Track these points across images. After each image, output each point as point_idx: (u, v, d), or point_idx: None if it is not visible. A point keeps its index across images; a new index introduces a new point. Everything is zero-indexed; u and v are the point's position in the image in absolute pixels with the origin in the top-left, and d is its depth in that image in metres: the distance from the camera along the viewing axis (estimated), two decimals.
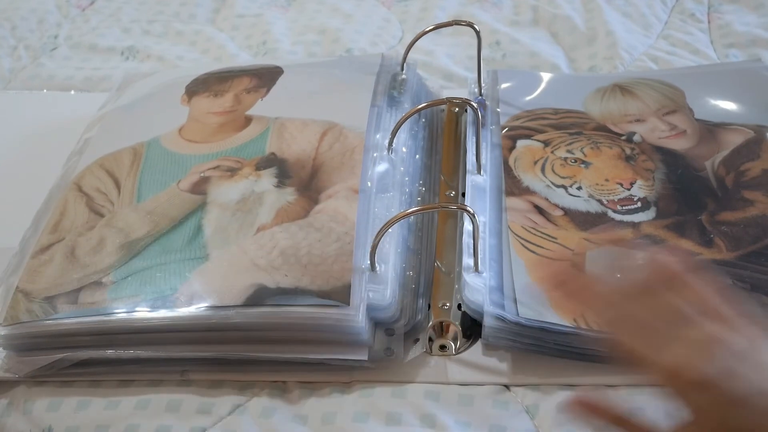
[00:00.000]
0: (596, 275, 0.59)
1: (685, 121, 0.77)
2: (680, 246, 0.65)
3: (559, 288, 0.51)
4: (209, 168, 0.72)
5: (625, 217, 0.68)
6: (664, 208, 0.68)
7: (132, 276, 0.64)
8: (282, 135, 0.75)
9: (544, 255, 0.65)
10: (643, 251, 0.64)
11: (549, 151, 0.74)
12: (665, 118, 0.77)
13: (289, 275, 0.61)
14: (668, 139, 0.75)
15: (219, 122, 0.78)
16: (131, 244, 0.66)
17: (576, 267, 0.64)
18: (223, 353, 0.61)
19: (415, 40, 0.80)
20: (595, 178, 0.71)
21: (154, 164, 0.74)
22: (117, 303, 0.62)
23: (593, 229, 0.67)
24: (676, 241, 0.65)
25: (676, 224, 0.67)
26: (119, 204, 0.70)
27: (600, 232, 0.67)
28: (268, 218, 0.67)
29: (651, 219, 0.67)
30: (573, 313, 0.60)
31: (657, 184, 0.70)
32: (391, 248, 0.64)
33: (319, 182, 0.70)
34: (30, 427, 0.60)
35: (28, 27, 1.06)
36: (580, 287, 0.49)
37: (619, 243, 0.65)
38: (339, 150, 0.72)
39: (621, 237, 0.66)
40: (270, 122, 0.77)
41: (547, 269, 0.64)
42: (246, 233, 0.66)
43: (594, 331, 0.59)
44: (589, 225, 0.67)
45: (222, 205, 0.69)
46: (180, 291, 0.62)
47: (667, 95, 0.80)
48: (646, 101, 0.79)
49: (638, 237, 0.66)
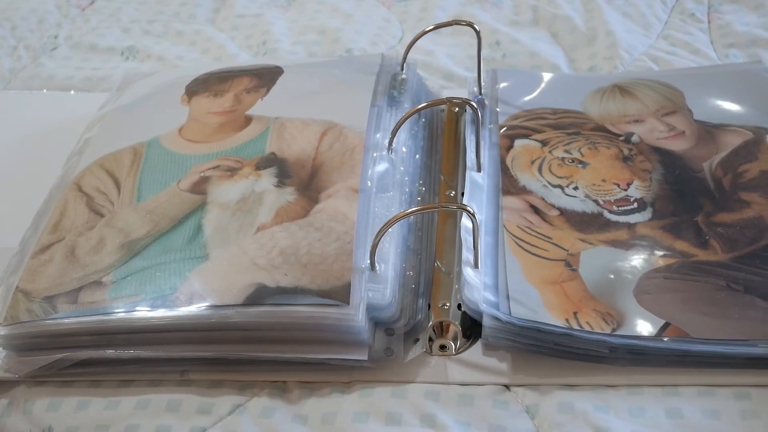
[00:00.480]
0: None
1: (684, 122, 0.77)
2: (675, 247, 0.65)
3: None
4: (209, 168, 0.73)
5: (621, 217, 0.68)
6: (660, 209, 0.68)
7: (132, 275, 0.64)
8: (282, 135, 0.75)
9: (538, 255, 0.65)
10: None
11: (546, 151, 0.74)
12: (664, 119, 0.77)
13: (289, 274, 0.61)
14: (667, 140, 0.75)
15: (219, 122, 0.78)
16: (131, 243, 0.66)
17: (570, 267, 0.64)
18: (223, 353, 0.61)
19: (415, 40, 0.80)
20: (592, 178, 0.71)
21: (154, 164, 0.74)
22: (117, 302, 0.62)
23: (588, 230, 0.67)
24: (672, 242, 0.65)
25: (671, 225, 0.67)
26: (119, 204, 0.70)
27: (595, 232, 0.67)
28: (268, 218, 0.67)
29: (647, 220, 0.67)
30: (566, 313, 0.60)
31: (654, 185, 0.70)
32: (391, 248, 0.64)
33: (319, 182, 0.70)
34: (30, 427, 0.60)
35: (28, 27, 1.06)
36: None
37: (614, 243, 0.66)
38: (339, 150, 0.72)
39: (616, 237, 0.66)
40: (270, 122, 0.77)
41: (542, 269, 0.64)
42: (246, 233, 0.66)
43: (585, 332, 0.59)
44: (585, 225, 0.67)
45: (222, 205, 0.69)
46: (180, 290, 0.62)
47: (667, 96, 0.80)
48: (645, 102, 0.79)
49: (633, 238, 0.66)
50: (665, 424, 0.56)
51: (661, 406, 0.57)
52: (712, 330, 0.59)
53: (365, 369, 0.60)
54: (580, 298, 0.62)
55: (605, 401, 0.58)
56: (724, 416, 0.56)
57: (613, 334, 0.59)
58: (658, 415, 0.57)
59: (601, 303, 0.61)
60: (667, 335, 0.58)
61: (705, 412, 0.56)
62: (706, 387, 0.58)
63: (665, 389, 0.58)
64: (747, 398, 0.57)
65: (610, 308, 0.61)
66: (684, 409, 0.57)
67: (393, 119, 0.76)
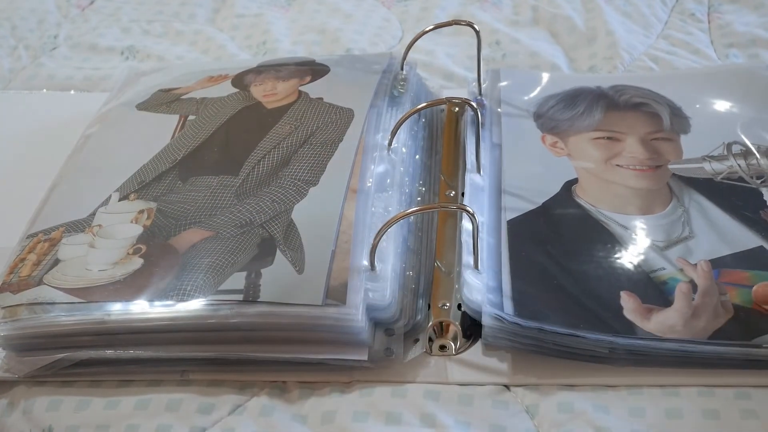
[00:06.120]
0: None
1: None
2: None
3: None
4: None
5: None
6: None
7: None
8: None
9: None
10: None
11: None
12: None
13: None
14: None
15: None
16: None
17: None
18: (223, 353, 0.61)
19: (414, 40, 0.80)
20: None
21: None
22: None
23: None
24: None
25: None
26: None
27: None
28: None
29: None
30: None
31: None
32: (390, 248, 0.64)
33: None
34: (30, 427, 0.60)
35: (28, 27, 1.06)
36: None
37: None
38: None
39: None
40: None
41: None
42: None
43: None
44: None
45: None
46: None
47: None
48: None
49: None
50: (665, 424, 0.56)
51: (661, 406, 0.57)
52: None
53: (365, 369, 0.60)
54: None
55: (605, 401, 0.58)
56: (724, 416, 0.56)
57: (616, 334, 0.59)
58: (658, 415, 0.57)
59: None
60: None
61: (705, 412, 0.56)
62: (706, 387, 0.58)
63: (665, 389, 0.58)
64: (747, 398, 0.57)
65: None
66: (684, 409, 0.57)
67: (393, 119, 0.76)
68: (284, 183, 0.69)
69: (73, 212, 0.70)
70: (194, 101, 0.81)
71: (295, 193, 0.68)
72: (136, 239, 0.66)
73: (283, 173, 0.70)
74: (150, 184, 0.71)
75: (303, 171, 0.70)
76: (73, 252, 0.66)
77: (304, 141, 0.73)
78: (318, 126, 0.75)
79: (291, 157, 0.72)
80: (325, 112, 0.76)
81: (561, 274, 0.63)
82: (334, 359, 0.60)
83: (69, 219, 0.69)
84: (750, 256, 0.63)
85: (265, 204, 0.67)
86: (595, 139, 0.75)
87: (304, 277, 0.61)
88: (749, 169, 0.71)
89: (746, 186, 0.70)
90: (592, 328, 0.59)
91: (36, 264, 0.65)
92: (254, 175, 0.70)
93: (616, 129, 0.76)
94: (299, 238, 0.64)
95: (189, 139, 0.76)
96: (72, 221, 0.69)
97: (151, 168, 0.73)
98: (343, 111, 0.76)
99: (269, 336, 0.61)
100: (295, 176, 0.69)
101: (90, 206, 0.70)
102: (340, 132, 0.74)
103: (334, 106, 0.77)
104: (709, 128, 0.76)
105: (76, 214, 0.69)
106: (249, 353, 0.60)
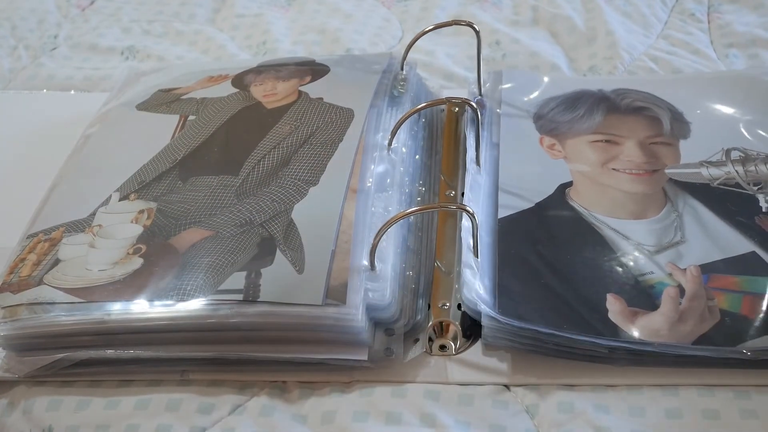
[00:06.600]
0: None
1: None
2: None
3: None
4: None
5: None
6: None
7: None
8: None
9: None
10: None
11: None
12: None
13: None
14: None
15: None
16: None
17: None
18: (223, 353, 0.61)
19: (414, 40, 0.80)
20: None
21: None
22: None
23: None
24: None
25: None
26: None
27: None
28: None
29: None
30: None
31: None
32: (390, 248, 0.64)
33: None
34: (30, 427, 0.60)
35: (28, 27, 1.06)
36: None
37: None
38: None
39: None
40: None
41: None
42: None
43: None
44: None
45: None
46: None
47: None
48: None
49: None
50: (665, 424, 0.56)
51: (661, 406, 0.57)
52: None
53: (365, 369, 0.60)
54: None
55: (605, 401, 0.58)
56: (724, 416, 0.56)
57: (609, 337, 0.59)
58: (657, 415, 0.57)
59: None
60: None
61: (705, 412, 0.56)
62: (706, 387, 0.58)
63: (665, 389, 0.58)
64: (747, 398, 0.57)
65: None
66: (684, 409, 0.57)
67: (393, 119, 0.76)
68: (284, 183, 0.69)
69: (73, 212, 0.70)
70: (194, 101, 0.81)
71: (295, 193, 0.68)
72: (136, 239, 0.66)
73: (283, 173, 0.70)
74: (150, 184, 0.72)
75: (303, 171, 0.70)
76: (74, 252, 0.66)
77: (304, 141, 0.73)
78: (318, 126, 0.75)
79: (291, 157, 0.72)
80: (325, 112, 0.76)
81: (549, 273, 0.63)
82: (334, 359, 0.60)
83: (69, 219, 0.69)
84: (741, 262, 0.63)
85: (265, 204, 0.67)
86: (593, 142, 0.75)
87: (304, 277, 0.61)
88: (747, 176, 0.70)
89: (742, 192, 0.69)
90: (575, 328, 0.59)
91: (36, 264, 0.65)
92: (254, 175, 0.70)
93: (616, 132, 0.75)
94: (299, 237, 0.64)
95: (189, 139, 0.76)
96: (72, 221, 0.69)
97: (151, 168, 0.73)
98: (343, 111, 0.76)
99: (269, 336, 0.61)
100: (295, 176, 0.69)
101: (90, 206, 0.70)
102: (340, 132, 0.74)
103: (334, 106, 0.77)
104: (709, 134, 0.75)
105: (76, 214, 0.69)
106: (249, 353, 0.60)
